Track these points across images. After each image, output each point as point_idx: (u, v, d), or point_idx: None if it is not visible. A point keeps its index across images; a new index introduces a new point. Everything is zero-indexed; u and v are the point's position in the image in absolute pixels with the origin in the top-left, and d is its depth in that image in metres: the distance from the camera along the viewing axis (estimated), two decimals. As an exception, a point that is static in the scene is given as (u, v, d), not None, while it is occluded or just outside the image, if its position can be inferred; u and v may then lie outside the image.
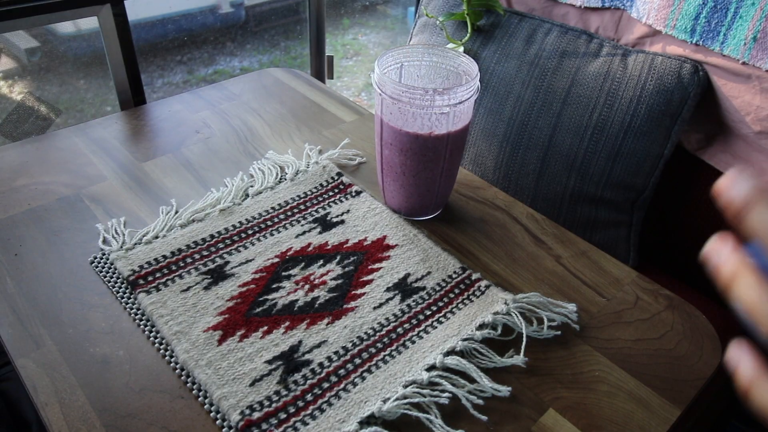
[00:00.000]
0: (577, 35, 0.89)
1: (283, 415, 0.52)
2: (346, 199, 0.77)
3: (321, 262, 0.67)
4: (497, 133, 0.91)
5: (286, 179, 0.79)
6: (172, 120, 0.92)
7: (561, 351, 0.60)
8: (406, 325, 0.61)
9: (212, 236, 0.70)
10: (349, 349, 0.58)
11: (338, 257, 0.68)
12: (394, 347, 0.59)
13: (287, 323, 0.60)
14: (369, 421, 0.52)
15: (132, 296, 0.63)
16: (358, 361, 0.57)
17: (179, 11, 1.97)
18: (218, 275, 0.65)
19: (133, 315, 0.61)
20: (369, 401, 0.54)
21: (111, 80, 0.98)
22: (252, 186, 0.78)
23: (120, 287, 0.64)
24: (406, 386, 0.55)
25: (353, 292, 0.64)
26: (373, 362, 0.57)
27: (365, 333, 0.60)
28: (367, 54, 2.53)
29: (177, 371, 0.56)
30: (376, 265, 0.67)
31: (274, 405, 0.53)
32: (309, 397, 0.54)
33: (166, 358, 0.57)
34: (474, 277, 0.67)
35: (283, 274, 0.66)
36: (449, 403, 0.54)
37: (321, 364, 0.57)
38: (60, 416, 0.52)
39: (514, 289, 0.66)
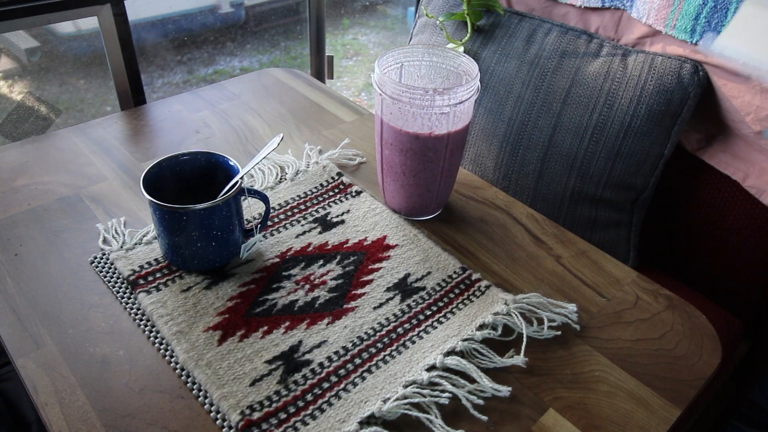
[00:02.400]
0: (577, 35, 0.89)
1: (283, 415, 0.52)
2: (346, 199, 0.77)
3: (321, 262, 0.67)
4: (497, 133, 0.91)
5: (286, 179, 0.79)
6: (172, 120, 0.92)
7: (561, 351, 0.60)
8: (406, 325, 0.61)
9: (212, 236, 0.70)
10: (349, 349, 0.58)
11: (338, 257, 0.68)
12: (394, 347, 0.59)
13: (287, 323, 0.60)
14: (369, 421, 0.52)
15: (132, 296, 0.63)
16: (358, 361, 0.57)
17: (179, 11, 1.96)
18: (218, 275, 0.65)
19: (133, 315, 0.61)
20: (369, 401, 0.54)
21: (111, 80, 0.98)
22: (252, 186, 0.78)
23: (120, 287, 0.64)
24: (406, 386, 0.55)
25: (353, 292, 0.64)
26: (373, 362, 0.57)
27: (365, 333, 0.60)
28: (367, 54, 2.53)
29: (177, 371, 0.56)
30: (376, 265, 0.67)
31: (274, 405, 0.53)
32: (309, 397, 0.54)
33: (166, 358, 0.57)
34: (474, 277, 0.67)
35: (283, 274, 0.66)
36: (449, 403, 0.54)
37: (321, 364, 0.57)
38: (60, 416, 0.52)
39: (514, 290, 0.66)
